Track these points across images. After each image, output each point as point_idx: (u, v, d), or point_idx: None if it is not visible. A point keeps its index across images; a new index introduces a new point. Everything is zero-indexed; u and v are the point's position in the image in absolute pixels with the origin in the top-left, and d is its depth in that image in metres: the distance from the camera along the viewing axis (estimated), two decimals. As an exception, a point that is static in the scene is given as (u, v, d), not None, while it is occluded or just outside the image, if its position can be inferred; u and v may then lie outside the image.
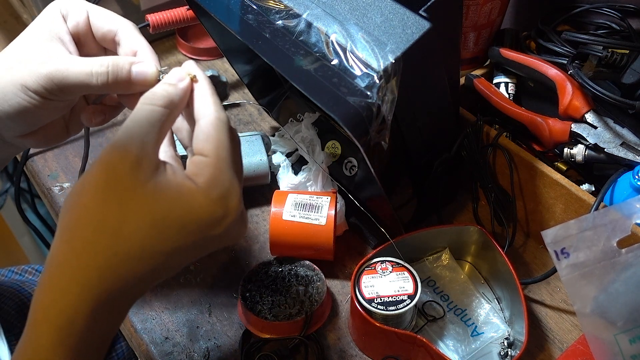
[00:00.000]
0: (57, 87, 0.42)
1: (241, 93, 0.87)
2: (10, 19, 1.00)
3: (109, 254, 0.35)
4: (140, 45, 0.44)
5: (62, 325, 0.35)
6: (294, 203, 0.62)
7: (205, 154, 0.38)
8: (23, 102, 0.42)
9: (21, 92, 0.42)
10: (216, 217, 0.37)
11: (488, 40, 0.78)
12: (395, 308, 0.54)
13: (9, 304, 0.76)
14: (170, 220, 0.36)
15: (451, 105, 0.61)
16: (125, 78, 0.42)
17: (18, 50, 0.44)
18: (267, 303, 0.59)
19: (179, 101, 0.39)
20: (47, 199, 0.76)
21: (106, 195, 0.35)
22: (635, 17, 0.71)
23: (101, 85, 0.42)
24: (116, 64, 0.42)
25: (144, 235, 0.35)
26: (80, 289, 0.35)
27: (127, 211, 0.35)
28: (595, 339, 0.47)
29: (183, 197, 0.36)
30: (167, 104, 0.38)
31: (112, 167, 0.35)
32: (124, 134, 0.36)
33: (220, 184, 0.37)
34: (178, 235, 0.36)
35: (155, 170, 0.36)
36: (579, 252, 0.45)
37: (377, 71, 0.46)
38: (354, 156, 0.69)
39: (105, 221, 0.35)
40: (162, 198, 0.35)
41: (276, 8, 0.53)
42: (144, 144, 0.36)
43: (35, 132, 0.47)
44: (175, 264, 0.38)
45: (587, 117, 0.62)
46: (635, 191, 0.57)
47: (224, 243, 0.40)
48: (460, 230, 0.64)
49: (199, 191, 0.36)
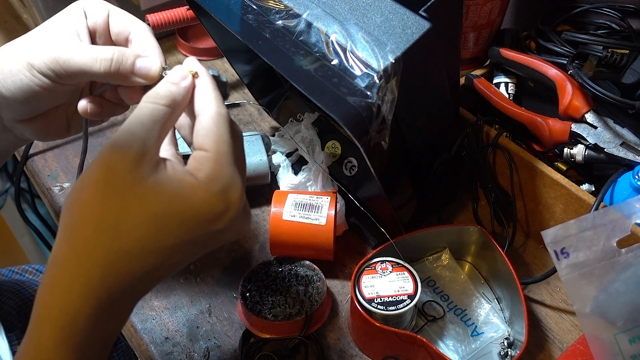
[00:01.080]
0: (62, 68, 0.42)
1: (241, 93, 0.88)
2: (10, 19, 1.00)
3: (109, 251, 0.35)
4: (150, 45, 0.45)
5: (64, 325, 0.35)
6: (294, 203, 0.62)
7: (206, 149, 0.38)
8: (26, 81, 0.43)
9: (26, 70, 0.43)
10: (217, 211, 0.37)
11: (488, 40, 0.78)
12: (395, 308, 0.54)
13: (9, 304, 0.76)
14: (171, 215, 0.36)
15: (451, 105, 0.61)
16: (129, 69, 0.43)
17: (33, 35, 0.45)
18: (267, 303, 0.59)
19: (181, 100, 0.39)
20: (47, 199, 0.76)
21: (105, 192, 0.35)
22: (635, 17, 0.71)
23: (104, 72, 0.42)
24: (122, 53, 0.43)
25: (144, 231, 0.35)
26: (81, 287, 0.35)
27: (126, 208, 0.35)
28: (595, 339, 0.47)
29: (183, 192, 0.36)
30: (170, 103, 0.38)
31: (112, 164, 0.35)
32: (125, 132, 0.36)
33: (220, 178, 0.37)
34: (179, 230, 0.36)
35: (156, 167, 0.36)
36: (578, 252, 0.45)
37: (377, 71, 0.46)
38: (354, 156, 0.69)
39: (104, 218, 0.35)
40: (162, 194, 0.36)
41: (276, 8, 0.53)
42: (145, 141, 0.36)
43: (35, 119, 0.47)
44: (177, 261, 0.38)
45: (587, 117, 0.62)
46: (635, 191, 0.57)
47: (226, 238, 0.39)
48: (460, 230, 0.64)
49: (199, 186, 0.36)
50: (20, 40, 0.45)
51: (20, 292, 0.79)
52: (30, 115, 0.47)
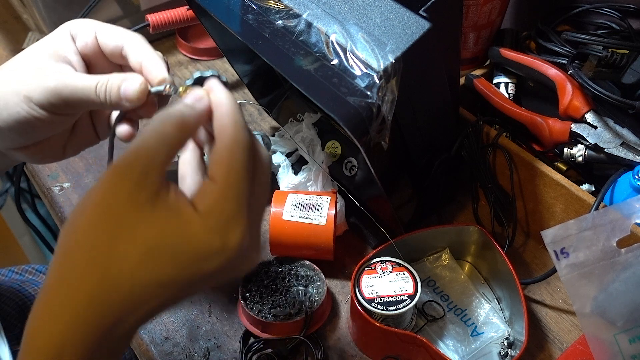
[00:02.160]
0: (63, 101, 0.41)
1: (241, 93, 0.87)
2: (10, 19, 1.00)
3: (99, 281, 0.33)
4: (145, 56, 0.42)
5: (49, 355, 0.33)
6: (294, 203, 0.62)
7: (215, 179, 0.34)
8: (23, 113, 0.41)
9: (23, 103, 0.41)
10: (211, 249, 0.33)
11: (488, 40, 0.78)
12: (395, 308, 0.54)
13: (9, 304, 0.76)
14: (163, 248, 0.33)
15: (451, 105, 0.61)
16: (116, 96, 0.41)
17: (22, 64, 0.43)
18: (267, 303, 0.59)
19: (193, 123, 0.36)
20: (47, 199, 0.76)
21: (101, 219, 0.33)
22: (635, 17, 0.71)
23: (102, 102, 0.41)
24: (111, 82, 0.41)
25: (135, 263, 0.33)
26: (69, 317, 0.33)
27: (119, 236, 0.33)
28: (595, 338, 0.47)
29: (179, 224, 0.33)
30: (179, 126, 0.35)
31: (111, 189, 0.33)
32: (129, 153, 0.34)
33: (221, 212, 0.34)
34: (170, 266, 0.33)
35: (156, 194, 0.33)
36: (578, 252, 0.45)
37: (377, 71, 0.46)
38: (354, 156, 0.69)
39: (96, 247, 0.33)
40: (157, 225, 0.33)
41: (276, 8, 0.53)
42: (147, 165, 0.33)
43: (31, 146, 0.46)
44: (171, 296, 0.35)
45: (587, 117, 0.62)
46: (635, 191, 0.57)
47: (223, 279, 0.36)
48: (460, 230, 0.64)
49: (196, 219, 0.33)
50: (10, 69, 0.43)
51: (20, 292, 0.79)
52: (26, 143, 0.45)
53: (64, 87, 0.41)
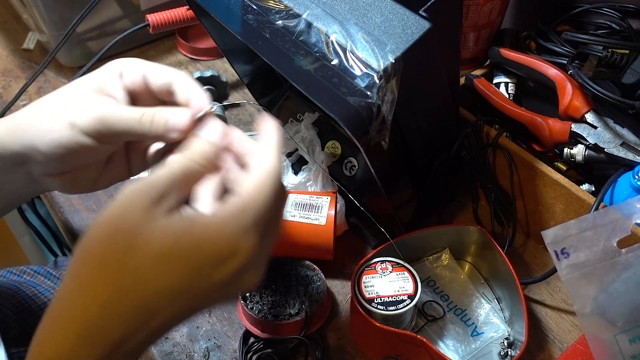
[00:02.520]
0: (106, 128, 0.42)
1: (241, 93, 0.87)
2: (10, 19, 1.00)
3: (112, 290, 0.33)
4: (192, 93, 0.44)
5: None
6: (294, 203, 0.62)
7: (240, 194, 0.36)
8: (66, 139, 0.42)
9: (68, 129, 0.42)
10: (222, 255, 0.34)
11: (488, 40, 0.78)
12: (395, 308, 0.54)
13: (6, 305, 0.76)
14: (177, 253, 0.34)
15: (451, 105, 0.61)
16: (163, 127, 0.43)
17: (67, 94, 0.44)
18: (267, 303, 0.59)
19: (215, 158, 0.39)
20: (47, 199, 0.76)
21: (117, 230, 0.34)
22: (635, 17, 0.71)
23: (147, 132, 0.42)
24: (160, 114, 0.42)
25: (149, 269, 0.34)
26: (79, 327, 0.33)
27: (133, 246, 0.34)
28: (595, 339, 0.47)
29: (193, 231, 0.34)
30: (201, 162, 0.38)
31: (130, 203, 0.35)
32: (153, 175, 0.36)
33: (238, 221, 0.35)
34: (182, 271, 0.34)
35: (171, 211, 0.35)
36: (579, 252, 0.45)
37: (377, 71, 0.46)
38: (354, 156, 0.69)
39: (110, 256, 0.34)
40: (170, 232, 0.34)
41: (276, 8, 0.53)
42: (167, 187, 0.35)
43: (67, 173, 0.46)
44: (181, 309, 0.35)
45: (587, 117, 0.62)
46: (635, 191, 0.57)
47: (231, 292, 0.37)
48: (460, 230, 0.64)
49: (212, 223, 0.35)
50: (56, 98, 0.44)
51: (17, 294, 0.79)
52: (62, 170, 0.46)
53: (109, 115, 0.42)
